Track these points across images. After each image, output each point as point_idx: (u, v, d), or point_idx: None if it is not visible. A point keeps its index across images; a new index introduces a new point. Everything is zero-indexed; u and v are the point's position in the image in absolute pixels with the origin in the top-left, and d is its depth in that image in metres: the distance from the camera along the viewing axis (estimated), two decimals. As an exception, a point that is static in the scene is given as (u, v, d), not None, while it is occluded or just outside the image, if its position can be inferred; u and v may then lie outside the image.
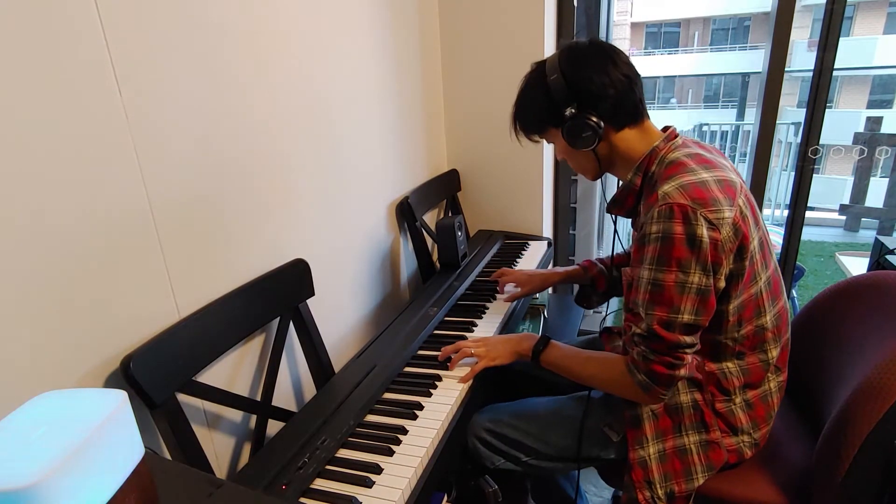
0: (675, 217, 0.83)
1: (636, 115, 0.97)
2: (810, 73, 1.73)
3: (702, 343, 0.94)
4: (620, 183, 1.04)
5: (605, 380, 0.99)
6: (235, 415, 1.06)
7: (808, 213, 1.91)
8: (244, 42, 1.02)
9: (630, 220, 1.12)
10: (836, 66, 1.66)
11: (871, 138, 5.09)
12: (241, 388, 1.08)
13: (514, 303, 1.45)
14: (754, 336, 0.94)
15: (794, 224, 1.88)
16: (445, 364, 1.16)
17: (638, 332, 0.90)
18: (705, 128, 6.61)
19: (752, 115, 2.14)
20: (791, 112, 10.75)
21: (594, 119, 0.94)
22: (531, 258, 1.81)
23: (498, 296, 1.47)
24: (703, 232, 0.82)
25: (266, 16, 1.07)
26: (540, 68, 1.00)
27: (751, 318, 0.93)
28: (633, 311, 0.92)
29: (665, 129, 1.00)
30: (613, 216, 1.08)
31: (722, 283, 0.87)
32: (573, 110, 0.94)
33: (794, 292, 2.79)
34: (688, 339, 0.87)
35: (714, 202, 0.83)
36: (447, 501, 1.09)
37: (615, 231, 1.17)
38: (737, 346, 0.95)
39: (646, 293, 0.88)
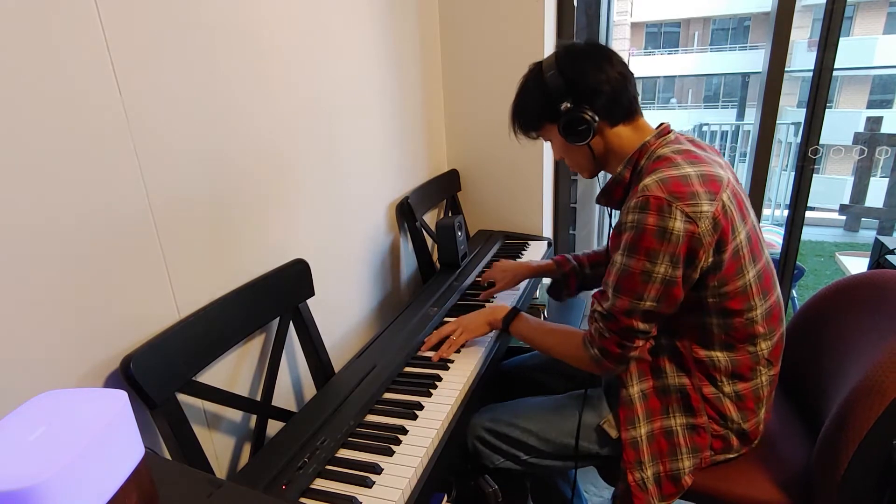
0: (650, 209, 0.86)
1: (630, 112, 1.00)
2: (810, 73, 1.73)
3: (690, 329, 0.97)
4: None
5: (563, 351, 1.07)
6: (235, 415, 1.07)
7: (808, 213, 1.91)
8: (245, 42, 1.03)
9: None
10: (836, 66, 1.66)
11: (871, 138, 5.09)
12: (241, 388, 1.08)
13: (515, 301, 1.46)
14: (744, 329, 0.95)
15: (794, 224, 1.88)
16: (446, 363, 1.16)
17: (599, 309, 0.96)
18: (705, 128, 6.62)
19: (752, 115, 2.13)
20: (791, 112, 10.75)
21: (589, 113, 0.97)
22: (531, 258, 1.81)
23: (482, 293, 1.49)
24: (677, 225, 0.85)
25: (266, 16, 1.08)
26: (537, 67, 1.04)
27: (740, 311, 0.94)
28: (602, 289, 0.97)
29: (659, 126, 1.02)
30: (609, 209, 1.11)
31: (696, 275, 0.90)
32: (569, 105, 0.98)
33: (793, 292, 2.79)
34: (643, 325, 0.92)
35: (692, 196, 0.86)
36: (447, 501, 1.09)
37: (611, 225, 1.17)
38: (724, 336, 0.96)
39: (615, 277, 0.93)
